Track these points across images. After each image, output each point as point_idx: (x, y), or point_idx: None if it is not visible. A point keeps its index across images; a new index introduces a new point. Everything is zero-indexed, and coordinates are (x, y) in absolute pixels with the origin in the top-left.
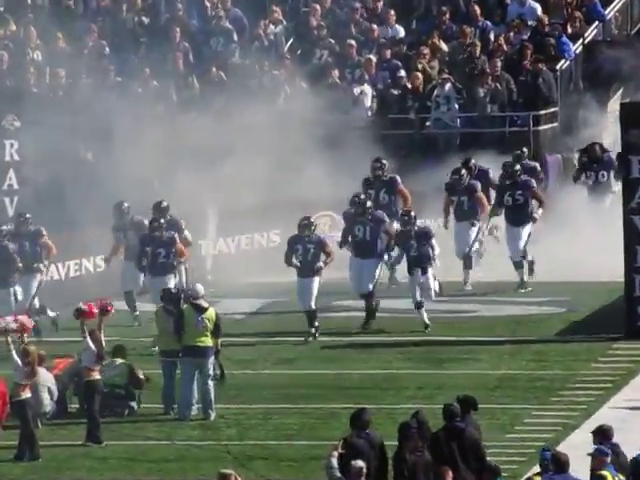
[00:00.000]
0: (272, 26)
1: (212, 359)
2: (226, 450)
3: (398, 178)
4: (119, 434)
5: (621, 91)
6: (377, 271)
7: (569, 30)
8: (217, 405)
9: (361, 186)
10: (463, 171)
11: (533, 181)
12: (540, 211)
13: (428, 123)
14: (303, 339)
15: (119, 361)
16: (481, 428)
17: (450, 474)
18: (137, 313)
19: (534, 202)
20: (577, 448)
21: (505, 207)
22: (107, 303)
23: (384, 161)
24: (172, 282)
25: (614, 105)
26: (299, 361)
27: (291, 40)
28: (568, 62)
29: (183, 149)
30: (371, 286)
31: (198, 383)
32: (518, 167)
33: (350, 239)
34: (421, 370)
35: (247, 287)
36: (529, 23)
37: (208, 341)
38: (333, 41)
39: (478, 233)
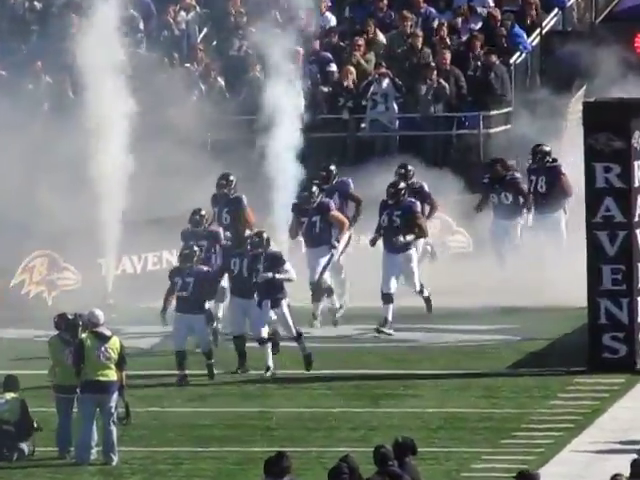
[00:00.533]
0: (183, 13)
1: (115, 395)
2: None
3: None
4: None
5: (584, 89)
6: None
7: (526, 19)
8: (120, 448)
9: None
10: (402, 184)
11: (417, 205)
12: (410, 237)
13: (363, 125)
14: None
15: (10, 395)
16: (422, 475)
17: None
18: None
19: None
20: None
21: (383, 228)
22: None
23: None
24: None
25: (576, 105)
26: (214, 397)
27: (205, 29)
28: (523, 55)
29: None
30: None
31: (98, 423)
32: (402, 185)
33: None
34: (354, 408)
35: (153, 312)
36: (479, 11)
37: (112, 375)
38: (254, 30)
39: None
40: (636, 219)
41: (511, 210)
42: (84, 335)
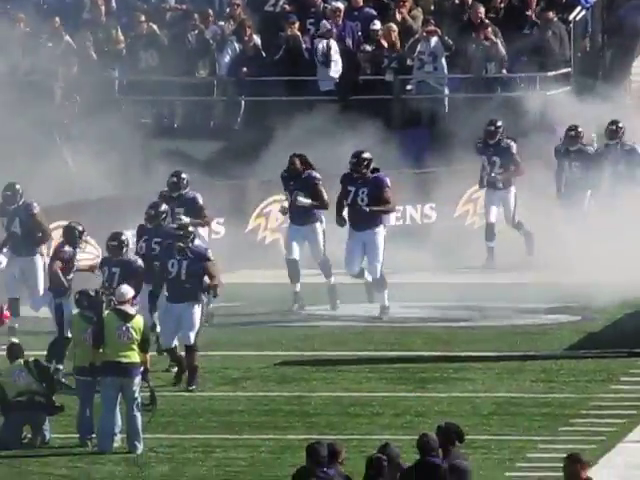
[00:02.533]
0: None
1: (139, 379)
2: None
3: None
4: (22, 472)
5: None
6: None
7: None
8: (145, 435)
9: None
10: None
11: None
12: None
13: (409, 87)
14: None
15: (20, 362)
16: (473, 465)
17: None
18: None
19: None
20: None
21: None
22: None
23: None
24: None
25: None
26: (247, 381)
27: None
28: (584, 12)
29: None
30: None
31: (122, 408)
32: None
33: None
34: (399, 393)
35: None
36: None
37: (134, 356)
38: None
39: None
40: None
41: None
42: (106, 312)
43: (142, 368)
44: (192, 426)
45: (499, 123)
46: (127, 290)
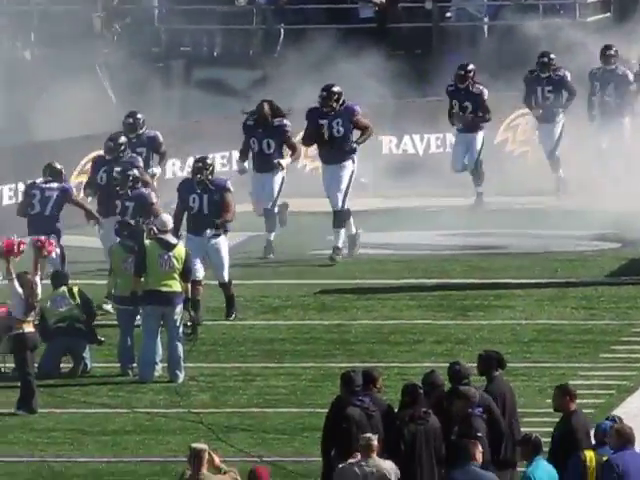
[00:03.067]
0: None
1: (180, 308)
2: (199, 420)
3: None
4: (65, 400)
5: None
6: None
7: None
8: (187, 364)
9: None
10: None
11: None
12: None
13: (449, 14)
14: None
15: (63, 289)
16: (515, 391)
17: (479, 448)
18: None
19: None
20: (635, 416)
21: None
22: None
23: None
24: None
25: None
26: (288, 309)
27: None
28: None
29: None
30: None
31: (163, 337)
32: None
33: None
34: (440, 320)
35: None
36: None
37: (176, 285)
38: None
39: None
40: None
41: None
42: (147, 241)
43: (184, 297)
44: (233, 355)
45: (470, 67)
46: (168, 219)
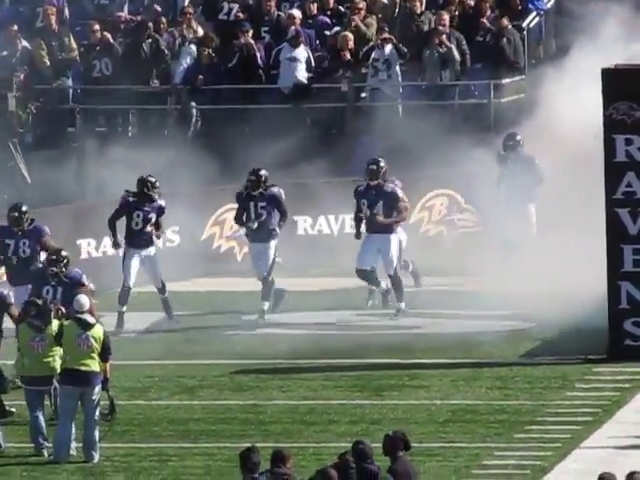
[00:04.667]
0: None
1: (99, 388)
2: None
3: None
4: None
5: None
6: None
7: None
8: (101, 444)
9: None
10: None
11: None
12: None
13: (364, 94)
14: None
15: None
16: (430, 472)
17: None
18: None
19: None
20: None
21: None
22: None
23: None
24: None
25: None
26: (203, 389)
27: None
28: (537, 18)
29: None
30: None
31: (77, 417)
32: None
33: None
34: (355, 401)
35: (140, 297)
36: None
37: (94, 365)
38: None
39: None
40: None
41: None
42: (66, 322)
43: (102, 378)
44: (148, 435)
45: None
46: (85, 300)
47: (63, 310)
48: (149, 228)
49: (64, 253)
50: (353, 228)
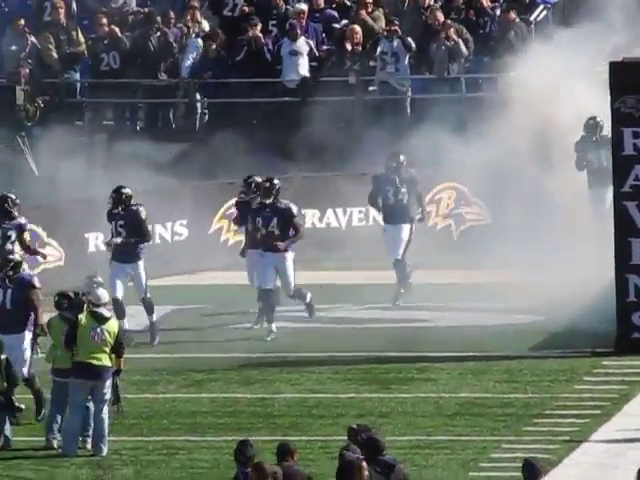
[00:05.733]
0: None
1: (109, 382)
2: None
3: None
4: None
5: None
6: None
7: None
8: (110, 438)
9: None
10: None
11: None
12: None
13: (372, 87)
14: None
15: None
16: (438, 465)
17: None
18: None
19: None
20: None
21: None
22: None
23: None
24: None
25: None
26: (211, 383)
27: None
28: (545, 12)
29: None
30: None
31: (89, 410)
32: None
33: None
34: (363, 394)
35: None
36: None
37: (106, 359)
38: None
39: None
40: None
41: None
42: (81, 315)
43: (114, 370)
44: (156, 428)
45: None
46: (103, 293)
47: (93, 302)
48: (9, 246)
49: (11, 256)
50: (361, 220)
